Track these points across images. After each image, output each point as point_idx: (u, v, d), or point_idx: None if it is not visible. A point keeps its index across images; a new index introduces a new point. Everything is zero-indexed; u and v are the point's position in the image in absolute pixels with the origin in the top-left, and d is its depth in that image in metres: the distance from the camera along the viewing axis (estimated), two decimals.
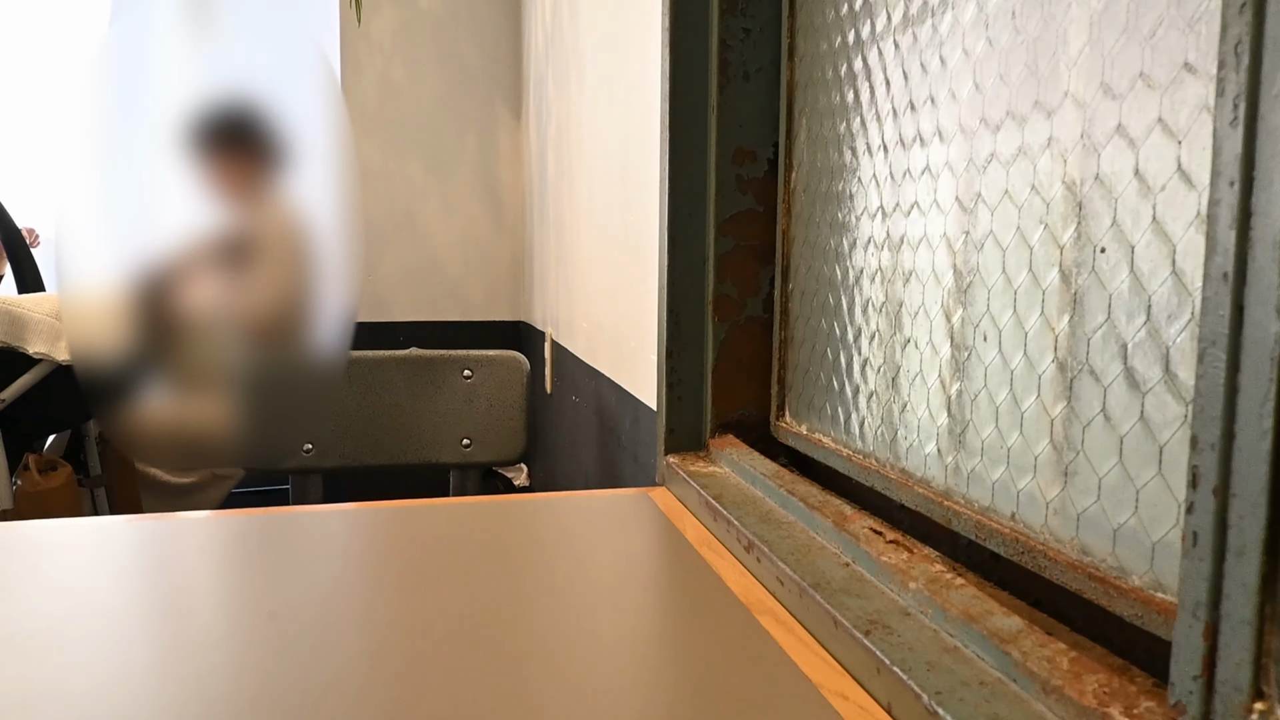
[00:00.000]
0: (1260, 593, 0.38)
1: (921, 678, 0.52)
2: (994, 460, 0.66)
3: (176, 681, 0.58)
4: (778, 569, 0.71)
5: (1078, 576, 0.57)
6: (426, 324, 2.62)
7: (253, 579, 0.76)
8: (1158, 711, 0.43)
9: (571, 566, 0.79)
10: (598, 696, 0.56)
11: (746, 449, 0.98)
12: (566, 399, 1.93)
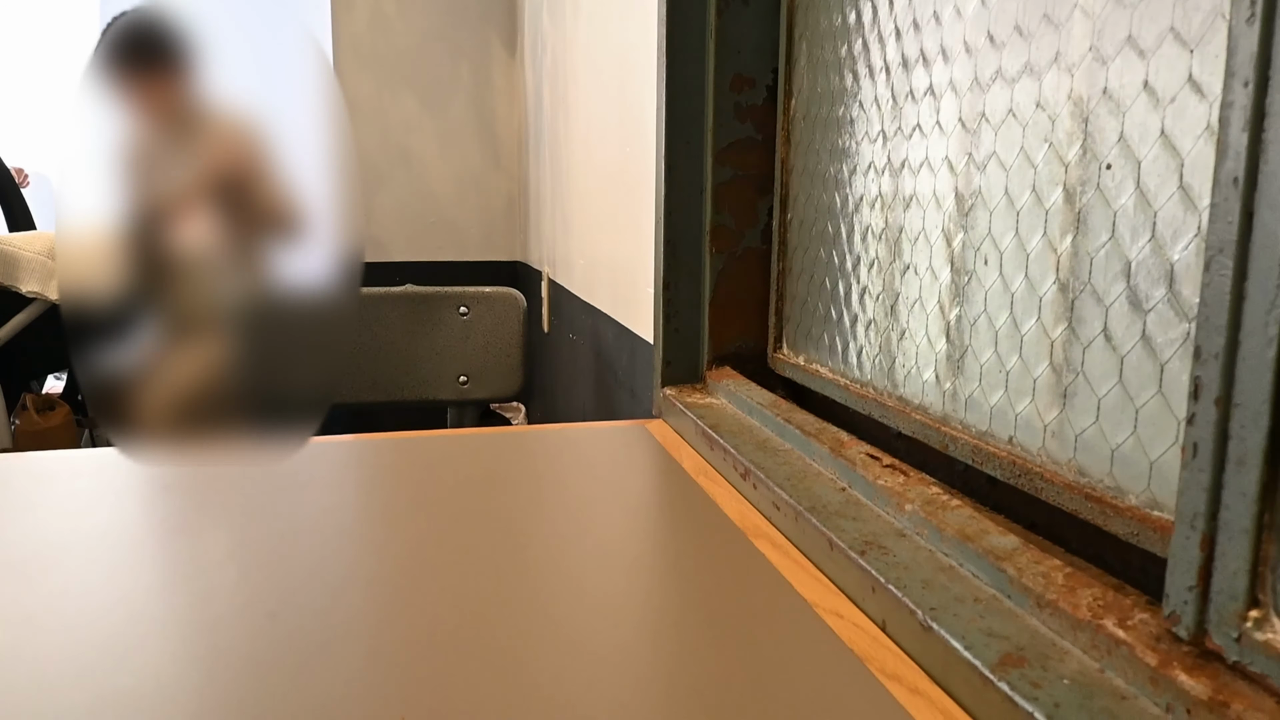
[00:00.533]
0: (1260, 501, 0.38)
1: (916, 595, 0.52)
2: (992, 385, 0.66)
3: (172, 601, 0.59)
4: (774, 494, 0.71)
5: (1074, 497, 0.57)
6: (423, 264, 2.60)
7: (249, 507, 0.76)
8: (1152, 623, 0.44)
9: (569, 495, 0.79)
10: (597, 617, 0.57)
11: (743, 380, 0.98)
12: (564, 338, 1.92)
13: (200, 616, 0.56)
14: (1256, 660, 0.38)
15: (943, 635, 0.49)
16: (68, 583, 0.61)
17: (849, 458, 0.71)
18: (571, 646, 0.53)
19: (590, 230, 1.67)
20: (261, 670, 0.50)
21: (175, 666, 0.51)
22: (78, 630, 0.54)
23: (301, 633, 0.55)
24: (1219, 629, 0.40)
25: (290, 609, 0.58)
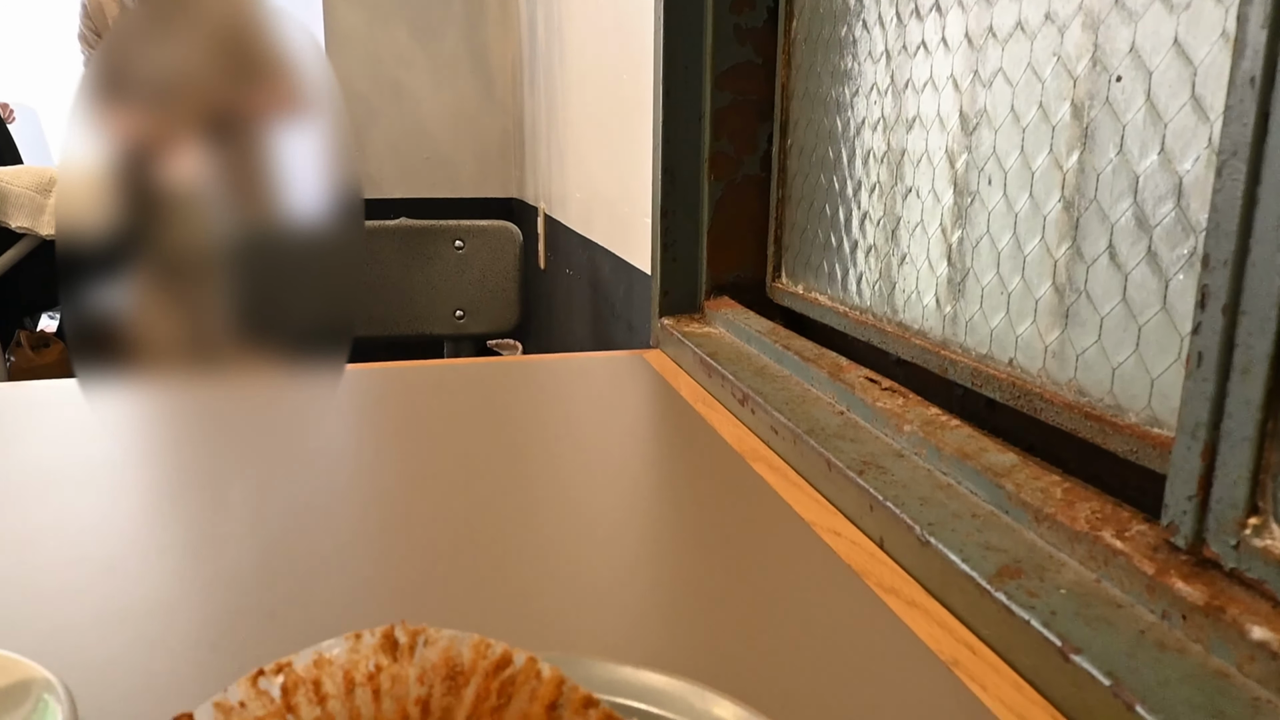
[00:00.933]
0: (1264, 409, 0.37)
1: (914, 511, 0.53)
2: (994, 307, 0.65)
3: (171, 521, 0.59)
4: (772, 418, 0.71)
5: (1074, 417, 0.57)
6: (417, 201, 2.57)
7: (246, 434, 0.76)
8: (1149, 534, 0.44)
9: (567, 421, 0.79)
10: (597, 536, 0.57)
11: (742, 309, 0.97)
12: (560, 274, 1.91)
13: (199, 536, 0.57)
14: (1254, 566, 0.38)
15: (940, 549, 0.49)
16: (67, 506, 0.61)
17: (847, 381, 0.71)
18: (571, 563, 0.53)
19: (587, 162, 1.64)
20: (261, 586, 0.51)
21: (175, 584, 0.51)
22: (78, 550, 0.54)
23: (302, 550, 0.55)
24: (1217, 537, 0.40)
25: (290, 529, 0.58)
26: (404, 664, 0.35)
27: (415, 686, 0.34)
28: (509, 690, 0.35)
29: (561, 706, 0.34)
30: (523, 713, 0.34)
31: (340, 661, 0.35)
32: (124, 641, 0.45)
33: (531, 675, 0.35)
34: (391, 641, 0.35)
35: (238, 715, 0.33)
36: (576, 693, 0.35)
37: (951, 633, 0.46)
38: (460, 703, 0.34)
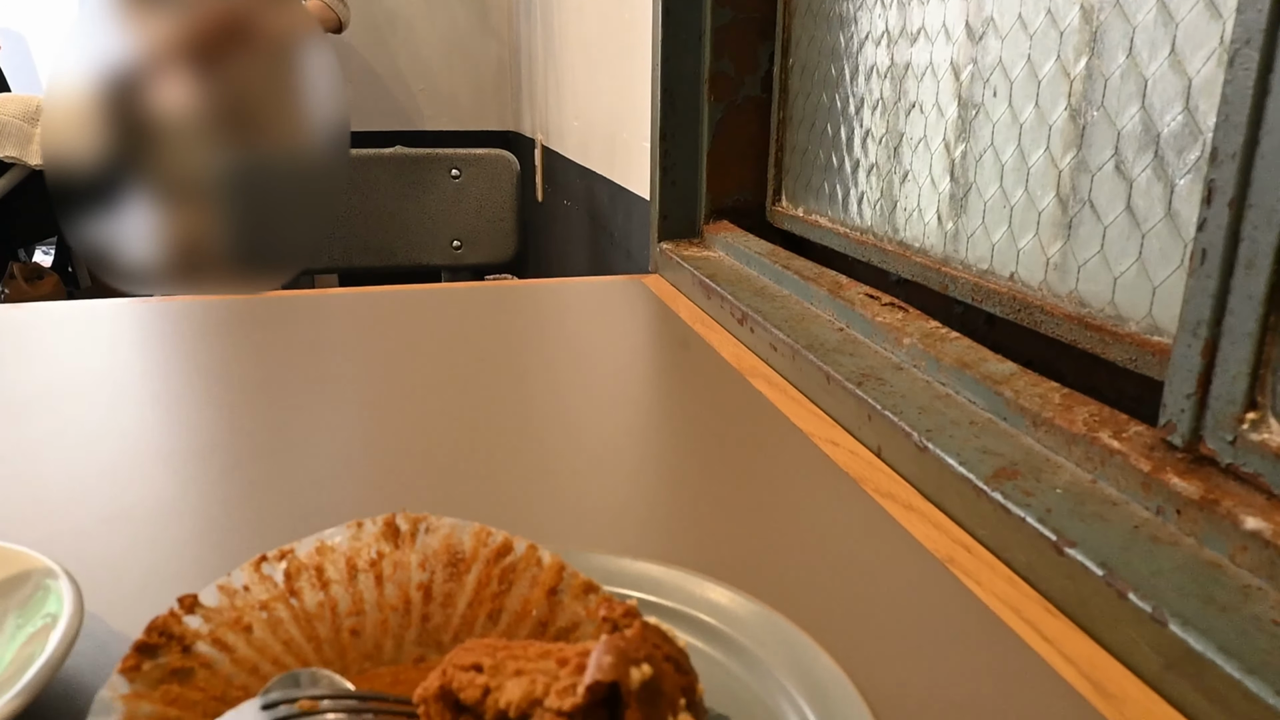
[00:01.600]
0: (1267, 303, 0.37)
1: (912, 419, 0.53)
2: (996, 221, 0.65)
3: (170, 431, 0.59)
4: (771, 336, 0.71)
5: (1074, 328, 0.56)
6: (412, 133, 2.53)
7: (245, 354, 0.76)
8: (1146, 435, 0.44)
9: (566, 341, 0.79)
10: (596, 446, 0.57)
11: (741, 233, 0.97)
12: (558, 205, 1.89)
13: (198, 444, 0.57)
14: (1250, 461, 0.38)
15: (938, 454, 0.49)
16: (66, 419, 0.61)
17: (847, 298, 0.70)
18: (571, 469, 0.53)
19: (585, 89, 1.61)
20: (261, 489, 0.51)
21: (176, 487, 0.51)
22: (78, 459, 0.54)
23: (302, 457, 0.55)
24: (1214, 434, 0.40)
25: (286, 439, 0.58)
26: (405, 551, 0.35)
27: (417, 572, 0.35)
28: (510, 577, 0.35)
29: (562, 592, 0.35)
30: (524, 598, 0.35)
31: (342, 549, 0.35)
32: (128, 540, 0.45)
33: (532, 562, 0.35)
34: (393, 529, 0.35)
35: (241, 598, 0.33)
36: (576, 579, 0.35)
37: (947, 533, 0.46)
38: (462, 588, 0.35)
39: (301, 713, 0.28)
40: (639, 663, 0.27)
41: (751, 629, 0.34)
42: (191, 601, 0.32)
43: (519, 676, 0.28)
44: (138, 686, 0.29)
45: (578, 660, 0.27)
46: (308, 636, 0.33)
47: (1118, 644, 0.37)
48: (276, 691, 0.30)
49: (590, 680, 0.26)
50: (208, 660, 0.31)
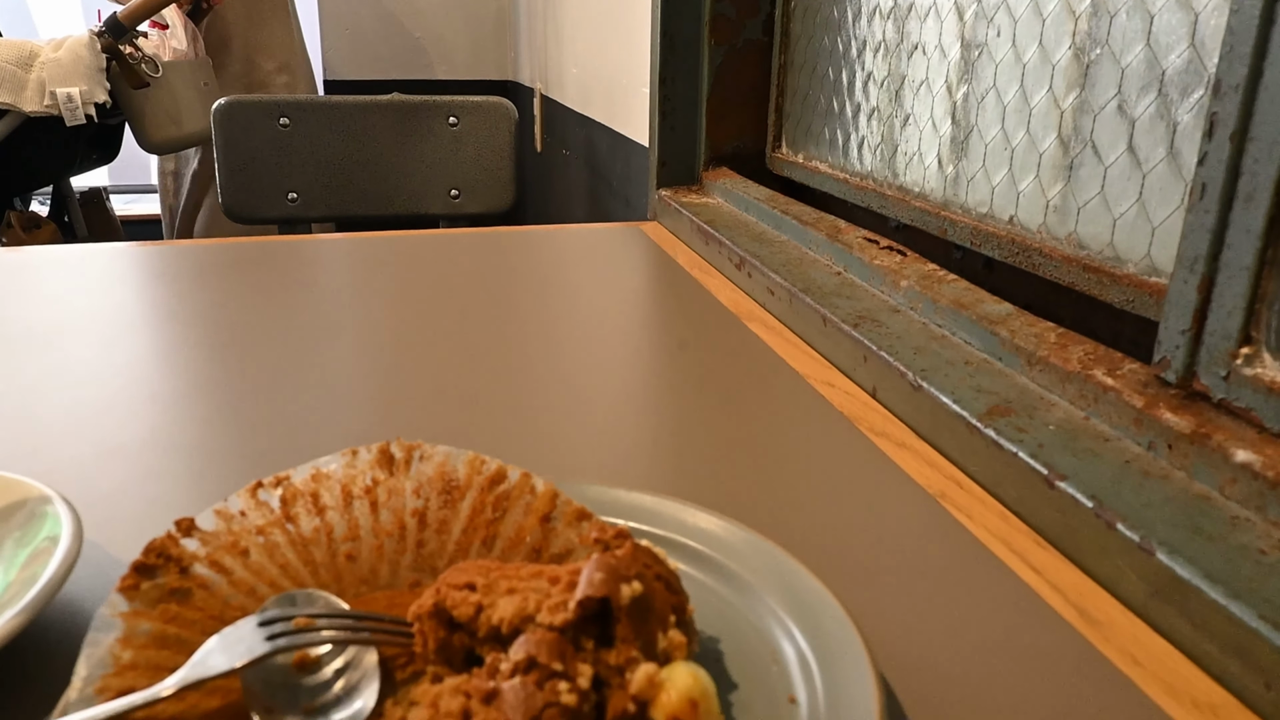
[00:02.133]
0: (1265, 236, 0.37)
1: (907, 359, 0.53)
2: (996, 164, 0.64)
3: (168, 369, 0.59)
4: (769, 280, 0.71)
5: (1072, 269, 0.56)
6: (410, 83, 2.50)
7: (242, 297, 0.76)
8: (1140, 372, 0.44)
9: (563, 285, 0.79)
10: (592, 386, 0.57)
11: (740, 179, 0.96)
12: (557, 155, 1.87)
13: (196, 381, 0.57)
14: (1243, 395, 0.38)
15: (932, 393, 0.49)
16: (65, 357, 0.61)
17: (845, 242, 0.70)
18: (567, 407, 0.54)
19: (584, 34, 1.59)
20: (257, 426, 0.51)
21: (173, 422, 0.51)
22: (77, 396, 0.55)
23: (295, 394, 0.55)
24: (1208, 369, 0.40)
25: (283, 377, 0.58)
26: (400, 478, 0.35)
27: (411, 499, 0.35)
28: (504, 504, 0.35)
29: (555, 519, 0.35)
30: (517, 525, 0.35)
31: (337, 476, 0.35)
32: (127, 472, 0.46)
33: (526, 490, 0.36)
34: (387, 457, 0.36)
35: (238, 523, 0.34)
36: (570, 506, 0.35)
37: (940, 470, 0.47)
38: (456, 516, 0.35)
39: (297, 630, 0.29)
40: (629, 580, 0.27)
41: (742, 555, 0.35)
42: (189, 525, 0.33)
43: (511, 595, 0.28)
44: (136, 605, 0.30)
45: (569, 578, 0.28)
46: (304, 561, 0.33)
47: (1105, 573, 0.37)
48: (273, 610, 0.30)
49: (581, 595, 0.26)
50: (205, 581, 0.31)
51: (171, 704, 0.27)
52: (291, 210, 1.46)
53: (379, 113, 1.50)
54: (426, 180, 1.53)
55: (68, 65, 1.81)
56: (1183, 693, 0.31)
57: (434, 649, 0.28)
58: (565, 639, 0.26)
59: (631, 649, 0.26)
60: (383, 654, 0.30)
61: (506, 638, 0.27)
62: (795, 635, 0.31)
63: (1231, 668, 0.31)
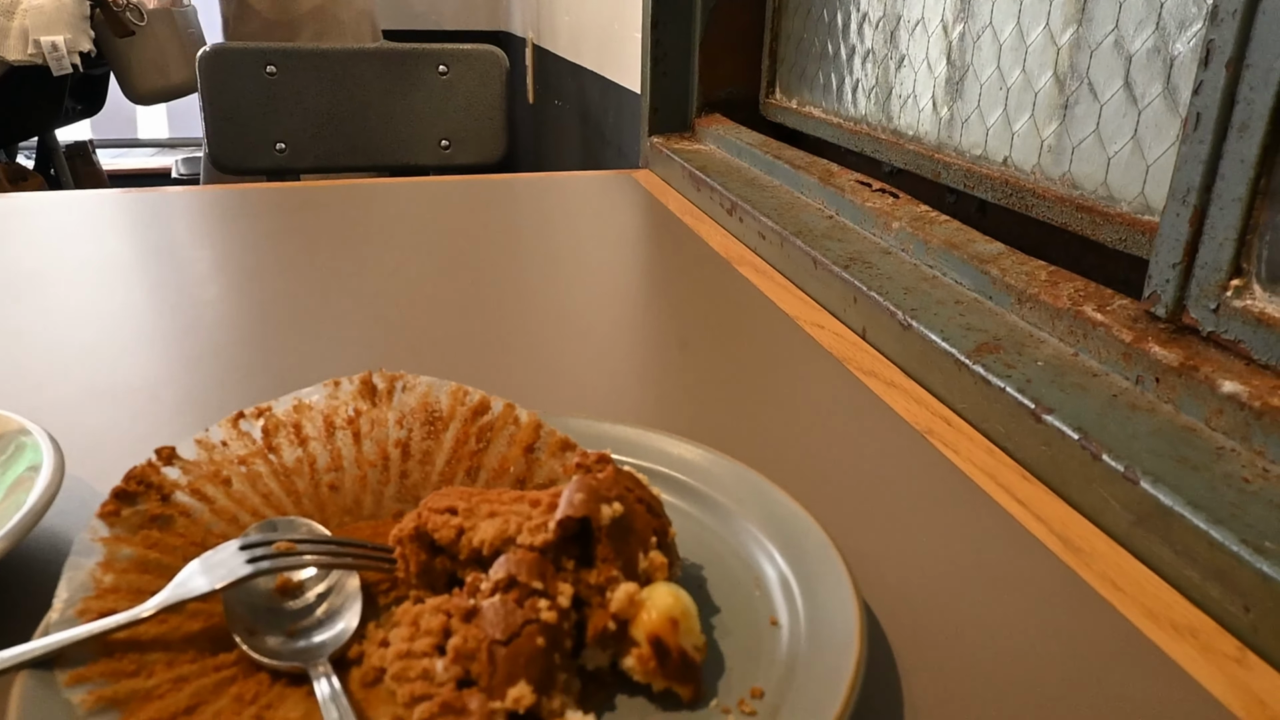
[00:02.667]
0: (1259, 166, 0.36)
1: (897, 299, 0.52)
2: (991, 104, 0.63)
3: (152, 313, 0.58)
4: (760, 224, 0.70)
5: (1066, 210, 0.56)
6: (398, 33, 2.46)
7: (229, 242, 0.75)
8: (1130, 308, 0.44)
9: (554, 231, 0.78)
10: (582, 325, 0.57)
11: (733, 125, 0.95)
12: (549, 106, 1.85)
13: (183, 325, 0.56)
14: (1231, 327, 0.38)
15: (921, 331, 0.49)
16: (53, 302, 0.60)
17: (838, 185, 0.69)
18: (557, 345, 0.53)
19: None
20: (240, 369, 0.51)
21: (159, 364, 0.51)
22: (64, 339, 0.54)
23: (282, 337, 0.55)
24: (1198, 302, 0.40)
25: (271, 320, 0.57)
26: (383, 408, 0.35)
27: (394, 429, 0.35)
28: (487, 435, 0.35)
29: (539, 449, 0.35)
30: (501, 455, 0.35)
31: (320, 406, 0.35)
32: (112, 412, 0.45)
33: (509, 420, 0.35)
34: (370, 387, 0.35)
35: (220, 453, 0.34)
36: (553, 436, 0.35)
37: (928, 407, 0.46)
38: (440, 446, 0.35)
39: (279, 553, 0.29)
40: (610, 501, 0.27)
41: (726, 484, 0.35)
42: (169, 453, 0.32)
43: (492, 518, 0.28)
44: (118, 531, 0.30)
45: (550, 501, 0.28)
46: (287, 490, 0.33)
47: (1089, 504, 0.37)
48: (255, 534, 0.30)
49: (561, 515, 0.26)
50: (187, 509, 0.31)
51: (153, 626, 0.27)
52: (280, 160, 1.45)
53: (367, 61, 1.48)
54: (416, 130, 1.51)
55: (51, 13, 1.77)
56: (1162, 616, 0.32)
57: (416, 572, 0.28)
58: (546, 559, 0.26)
59: (612, 569, 0.26)
60: (366, 579, 0.30)
61: (488, 560, 0.27)
62: (778, 560, 0.31)
63: (1212, 592, 0.31)
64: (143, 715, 0.24)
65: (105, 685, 0.25)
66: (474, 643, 0.24)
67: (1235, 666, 0.29)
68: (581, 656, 0.26)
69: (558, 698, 0.25)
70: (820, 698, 0.25)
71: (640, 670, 0.26)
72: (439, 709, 0.23)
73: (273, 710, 0.25)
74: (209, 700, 0.25)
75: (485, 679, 0.24)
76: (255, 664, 0.27)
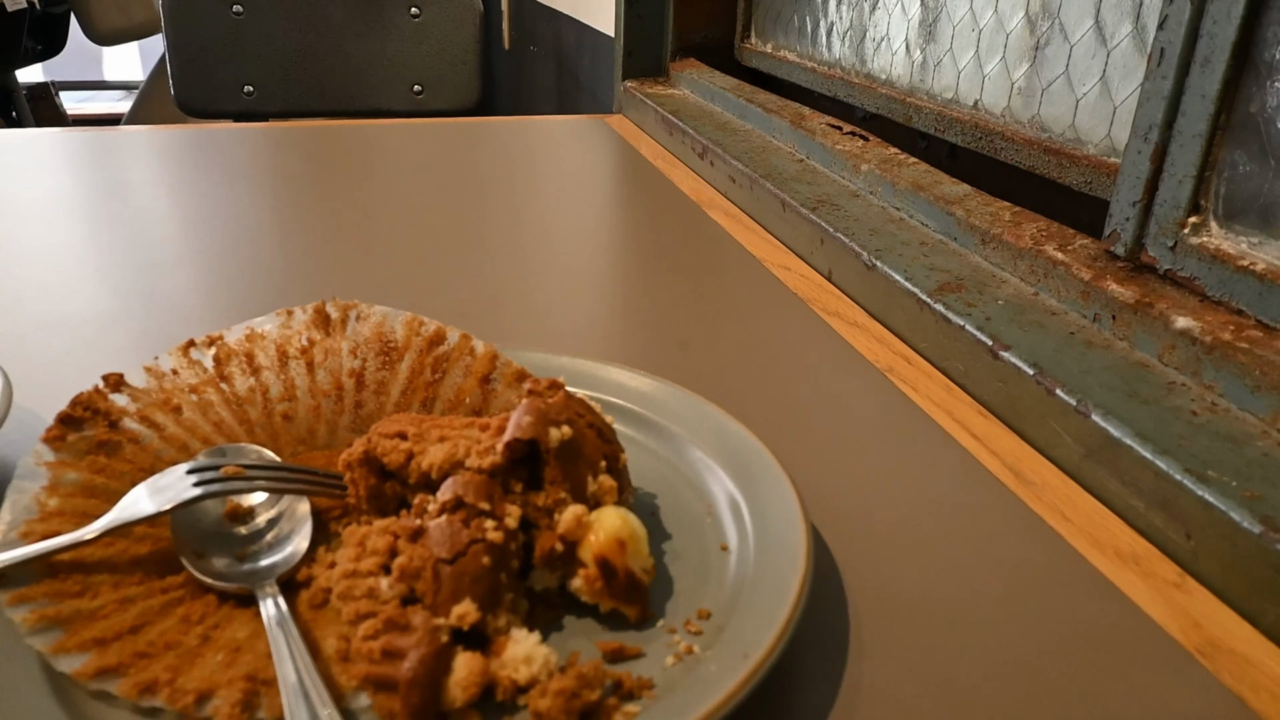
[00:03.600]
0: (1219, 99, 0.36)
1: (863, 240, 0.52)
2: (964, 46, 0.63)
3: (105, 253, 0.57)
4: (730, 167, 0.70)
5: (1034, 153, 0.55)
6: None
7: (198, 181, 0.73)
8: (1091, 247, 0.44)
9: (526, 175, 0.77)
10: (550, 264, 0.56)
11: (707, 69, 0.93)
12: (525, 53, 1.82)
13: (140, 260, 0.55)
14: (1188, 265, 0.38)
15: (885, 271, 0.49)
16: (5, 236, 0.59)
17: (809, 128, 0.69)
18: (524, 283, 0.53)
19: None
20: (199, 304, 0.50)
21: (113, 299, 0.50)
22: (16, 273, 0.53)
23: (247, 274, 0.54)
24: (1156, 240, 0.40)
25: (234, 257, 0.57)
26: (336, 338, 0.35)
27: (349, 359, 0.35)
28: (443, 365, 0.35)
29: (495, 380, 0.35)
30: (457, 387, 0.35)
31: (272, 336, 0.35)
32: (65, 344, 0.45)
33: (465, 351, 0.35)
34: (323, 316, 0.35)
35: (170, 381, 0.33)
36: (509, 367, 0.35)
37: (889, 347, 0.47)
38: (395, 376, 0.35)
39: (227, 477, 0.29)
40: (559, 424, 0.27)
41: (680, 415, 0.35)
42: (117, 380, 0.32)
43: (442, 442, 0.28)
44: (63, 456, 0.29)
45: (499, 425, 0.28)
46: (239, 420, 0.33)
47: (1042, 438, 0.38)
48: (203, 459, 0.30)
49: (509, 437, 0.26)
50: (135, 436, 0.31)
51: (99, 549, 0.27)
52: (248, 104, 1.41)
53: (337, 2, 1.44)
54: (388, 75, 1.48)
55: None
56: (1107, 545, 0.32)
57: (365, 497, 0.28)
58: (493, 481, 0.26)
59: (560, 491, 0.26)
60: (317, 506, 0.30)
61: (437, 484, 0.27)
62: (730, 487, 0.31)
63: (1156, 520, 0.32)
64: (86, 634, 0.24)
65: (48, 605, 0.25)
66: (419, 561, 0.24)
67: (1175, 591, 0.30)
68: (529, 578, 0.27)
69: (504, 616, 0.25)
70: (764, 616, 0.25)
71: (587, 591, 0.26)
72: (383, 625, 0.23)
73: (220, 630, 0.25)
74: (155, 620, 0.25)
75: (430, 597, 0.24)
76: (202, 586, 0.27)
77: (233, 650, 0.24)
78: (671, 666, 0.25)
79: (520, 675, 0.23)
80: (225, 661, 0.24)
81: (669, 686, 0.24)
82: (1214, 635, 0.28)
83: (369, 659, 0.22)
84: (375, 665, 0.22)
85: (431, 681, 0.22)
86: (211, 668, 0.24)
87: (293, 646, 0.24)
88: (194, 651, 0.24)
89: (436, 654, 0.22)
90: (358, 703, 0.23)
